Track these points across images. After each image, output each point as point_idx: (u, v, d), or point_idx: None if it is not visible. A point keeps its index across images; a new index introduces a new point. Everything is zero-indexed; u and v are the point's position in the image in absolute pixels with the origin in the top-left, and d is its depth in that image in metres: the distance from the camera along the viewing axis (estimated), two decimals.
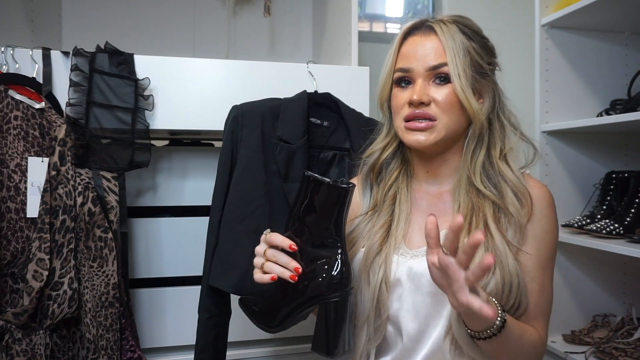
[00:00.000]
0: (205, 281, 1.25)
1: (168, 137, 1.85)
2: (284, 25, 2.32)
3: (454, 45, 0.85)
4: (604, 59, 1.70)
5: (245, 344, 1.54)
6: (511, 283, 0.80)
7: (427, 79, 0.86)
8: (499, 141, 0.90)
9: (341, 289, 0.77)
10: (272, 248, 0.78)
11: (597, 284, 1.69)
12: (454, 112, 0.85)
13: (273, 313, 0.81)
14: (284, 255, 0.77)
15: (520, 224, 0.84)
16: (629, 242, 1.36)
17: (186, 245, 1.51)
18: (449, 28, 0.86)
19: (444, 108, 0.85)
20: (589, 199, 1.65)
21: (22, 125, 1.26)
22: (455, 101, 0.85)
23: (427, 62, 0.86)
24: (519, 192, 0.86)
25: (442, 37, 0.86)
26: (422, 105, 0.85)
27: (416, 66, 0.87)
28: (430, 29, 0.88)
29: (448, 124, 0.86)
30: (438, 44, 0.86)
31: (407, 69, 0.88)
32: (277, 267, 0.77)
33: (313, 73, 1.48)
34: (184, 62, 1.42)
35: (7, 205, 1.23)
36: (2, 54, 1.28)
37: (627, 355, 1.40)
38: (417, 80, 0.86)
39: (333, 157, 1.36)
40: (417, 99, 0.85)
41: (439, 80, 0.86)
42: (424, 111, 0.85)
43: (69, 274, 1.24)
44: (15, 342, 1.20)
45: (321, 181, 0.76)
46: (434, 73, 0.86)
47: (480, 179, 0.87)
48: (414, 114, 0.85)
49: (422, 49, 0.87)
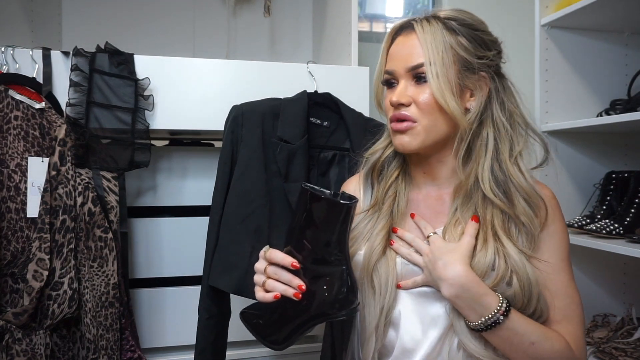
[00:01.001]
0: (206, 281, 1.25)
1: (168, 137, 1.85)
2: (284, 25, 2.32)
3: (434, 43, 0.82)
4: (604, 59, 1.70)
5: (246, 344, 1.54)
6: (530, 292, 0.79)
7: (408, 79, 0.85)
8: (506, 141, 0.85)
9: (347, 306, 0.74)
10: (273, 265, 0.76)
11: (597, 284, 1.69)
12: (433, 113, 0.83)
13: (277, 329, 0.77)
14: (286, 273, 0.74)
15: (532, 234, 0.82)
16: (629, 242, 1.36)
17: (186, 245, 1.51)
18: (431, 25, 0.84)
19: (424, 109, 0.83)
20: (589, 199, 1.65)
21: (22, 125, 1.26)
22: (434, 102, 0.83)
23: (406, 62, 0.84)
24: (532, 200, 0.83)
25: (421, 36, 0.84)
26: (401, 107, 0.84)
27: (397, 67, 0.86)
28: (412, 28, 0.86)
29: (428, 125, 0.83)
30: (416, 44, 0.84)
31: (390, 71, 0.87)
32: (279, 285, 0.74)
33: (313, 73, 1.48)
34: (184, 62, 1.42)
35: (7, 205, 1.23)
36: (2, 54, 1.28)
37: (627, 355, 1.40)
38: (400, 82, 0.86)
39: (333, 157, 1.36)
40: (395, 100, 0.84)
41: (418, 81, 0.84)
42: (403, 112, 0.84)
43: (69, 274, 1.24)
44: (15, 342, 1.20)
45: (319, 195, 0.72)
46: (412, 73, 0.84)
47: (490, 185, 0.83)
48: (395, 115, 0.85)
49: (402, 49, 0.86)
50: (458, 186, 0.87)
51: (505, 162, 0.84)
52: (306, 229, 0.74)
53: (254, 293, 0.77)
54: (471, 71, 0.84)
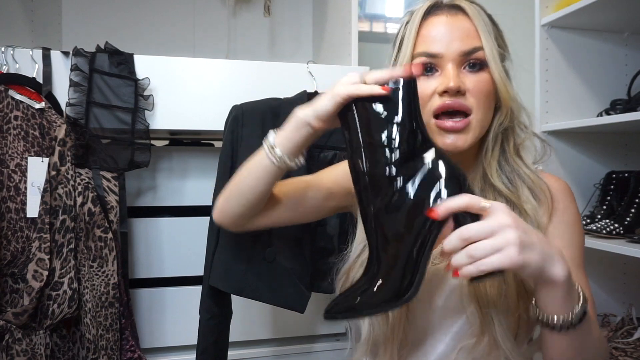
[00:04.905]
0: (206, 281, 1.25)
1: (168, 137, 1.85)
2: (284, 25, 2.32)
3: (486, 27, 0.75)
4: (604, 59, 1.70)
5: (246, 344, 1.54)
6: None
7: (458, 64, 0.75)
8: (511, 134, 0.81)
9: (458, 180, 0.63)
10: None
11: (597, 284, 1.68)
12: (487, 103, 0.76)
13: (393, 279, 0.62)
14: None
15: (538, 223, 0.76)
16: (629, 242, 1.36)
17: (186, 245, 1.51)
18: (476, 8, 0.77)
19: (480, 99, 0.74)
20: (589, 199, 1.65)
21: (22, 125, 1.26)
22: (491, 90, 0.75)
23: (458, 45, 0.74)
24: (536, 188, 0.78)
25: (474, 17, 0.75)
26: (458, 95, 0.73)
27: (446, 50, 0.75)
28: (457, 8, 0.78)
29: (482, 118, 0.75)
30: (469, 26, 0.75)
31: (434, 54, 0.76)
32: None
33: (313, 73, 1.48)
34: (184, 62, 1.42)
35: (7, 205, 1.23)
36: (2, 54, 1.28)
37: (627, 355, 1.40)
38: (446, 67, 0.75)
39: (333, 157, 1.36)
40: (454, 86, 0.72)
41: (470, 67, 0.75)
42: (460, 102, 0.74)
43: (69, 274, 1.24)
44: (15, 342, 1.20)
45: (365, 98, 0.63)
46: (467, 59, 0.75)
47: (498, 175, 0.79)
48: (447, 105, 0.74)
49: (451, 30, 0.75)
50: (473, 182, 0.81)
51: (510, 153, 0.80)
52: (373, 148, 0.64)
53: (254, 293, 0.74)
54: (504, 63, 0.80)
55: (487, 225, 0.57)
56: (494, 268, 0.56)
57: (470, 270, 0.57)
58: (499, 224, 0.56)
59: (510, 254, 0.55)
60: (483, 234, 0.57)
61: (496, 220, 0.57)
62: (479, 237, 0.57)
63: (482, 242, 0.56)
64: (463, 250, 0.57)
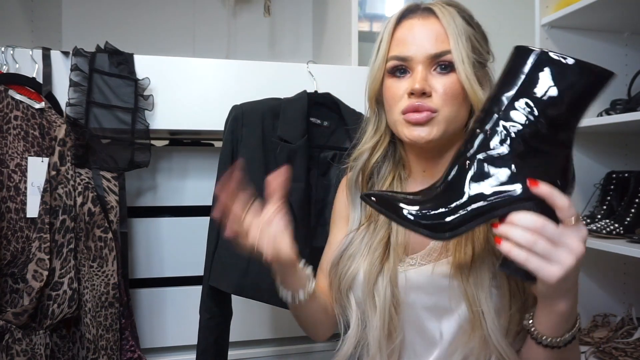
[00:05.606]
0: (206, 281, 1.25)
1: (168, 137, 1.85)
2: (284, 25, 2.32)
3: (456, 30, 0.77)
4: (604, 59, 1.70)
5: (246, 344, 1.54)
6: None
7: (427, 67, 0.77)
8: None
9: (572, 176, 0.64)
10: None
11: (597, 284, 1.68)
12: (455, 103, 0.77)
13: (441, 213, 0.61)
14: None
15: None
16: (629, 242, 1.36)
17: (186, 245, 1.51)
18: (448, 11, 0.78)
19: (446, 99, 0.76)
20: (589, 199, 1.65)
21: (22, 125, 1.26)
22: (459, 91, 0.77)
23: (427, 48, 0.77)
24: None
25: (444, 20, 0.77)
26: (423, 96, 0.76)
27: (415, 53, 0.77)
28: (429, 11, 0.79)
29: (449, 116, 0.77)
30: (439, 28, 0.77)
31: (403, 57, 0.78)
32: None
33: (313, 73, 1.48)
34: (184, 62, 1.42)
35: (7, 205, 1.23)
36: (2, 54, 1.28)
37: (627, 355, 1.40)
38: (416, 69, 0.77)
39: (333, 157, 1.36)
40: (419, 88, 0.75)
41: (440, 69, 0.77)
42: (425, 103, 0.76)
43: (68, 274, 1.24)
44: (15, 342, 1.20)
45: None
46: (435, 61, 0.77)
47: None
48: (414, 105, 0.76)
49: (420, 33, 0.78)
50: None
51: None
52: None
53: (254, 293, 0.74)
54: (481, 65, 0.80)
55: (563, 238, 0.57)
56: (535, 272, 0.57)
57: (516, 253, 0.57)
58: (570, 245, 0.57)
59: (554, 274, 0.56)
60: (555, 240, 0.57)
61: (572, 239, 0.57)
62: (550, 238, 0.57)
63: (548, 244, 0.57)
64: (528, 233, 0.57)
